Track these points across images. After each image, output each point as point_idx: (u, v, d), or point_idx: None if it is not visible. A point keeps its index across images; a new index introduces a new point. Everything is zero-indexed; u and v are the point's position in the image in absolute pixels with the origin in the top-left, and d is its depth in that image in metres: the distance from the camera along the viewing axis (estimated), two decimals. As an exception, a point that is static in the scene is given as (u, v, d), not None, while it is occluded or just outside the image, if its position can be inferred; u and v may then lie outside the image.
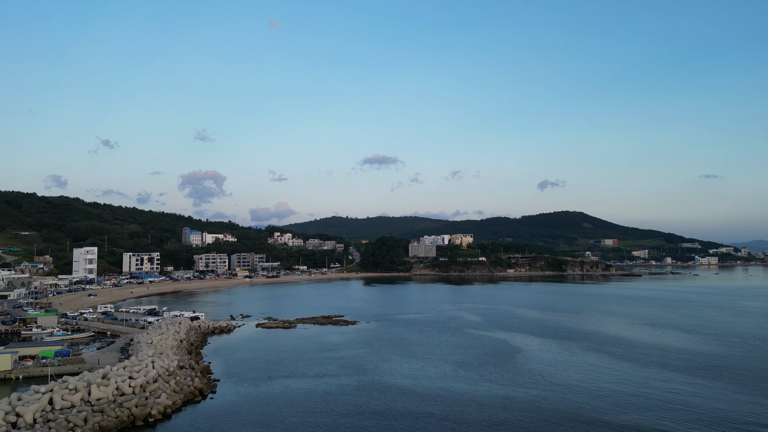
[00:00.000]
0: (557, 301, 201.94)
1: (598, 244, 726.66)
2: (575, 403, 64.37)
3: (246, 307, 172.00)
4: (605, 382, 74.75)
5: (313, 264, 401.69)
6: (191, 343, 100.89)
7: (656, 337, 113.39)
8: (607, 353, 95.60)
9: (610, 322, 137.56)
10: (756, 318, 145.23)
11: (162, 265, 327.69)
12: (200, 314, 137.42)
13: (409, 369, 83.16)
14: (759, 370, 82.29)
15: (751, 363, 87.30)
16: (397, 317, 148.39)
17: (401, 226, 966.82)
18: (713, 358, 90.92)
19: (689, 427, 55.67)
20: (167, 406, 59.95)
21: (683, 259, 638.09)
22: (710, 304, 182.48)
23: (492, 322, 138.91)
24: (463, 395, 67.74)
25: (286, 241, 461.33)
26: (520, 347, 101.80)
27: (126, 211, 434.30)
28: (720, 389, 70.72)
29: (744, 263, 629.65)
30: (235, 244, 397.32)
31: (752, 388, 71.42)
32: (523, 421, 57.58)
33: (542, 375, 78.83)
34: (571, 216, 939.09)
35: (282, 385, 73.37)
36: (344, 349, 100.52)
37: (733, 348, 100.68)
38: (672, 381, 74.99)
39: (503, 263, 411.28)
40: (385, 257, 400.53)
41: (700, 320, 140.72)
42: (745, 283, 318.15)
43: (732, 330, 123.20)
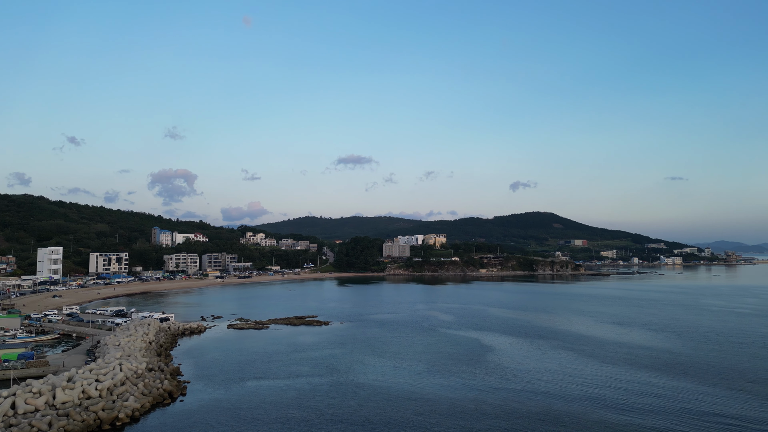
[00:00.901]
0: (528, 300, 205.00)
1: (568, 244, 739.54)
2: (546, 400, 65.50)
3: (217, 308, 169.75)
4: (575, 379, 76.24)
5: (287, 264, 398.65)
6: (160, 344, 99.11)
7: (623, 336, 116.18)
8: (576, 351, 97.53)
9: (580, 321, 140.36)
10: (718, 316, 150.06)
11: (130, 265, 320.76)
12: (170, 315, 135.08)
13: (383, 369, 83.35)
14: (721, 366, 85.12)
15: (714, 359, 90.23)
16: (370, 317, 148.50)
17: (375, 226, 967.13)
18: (678, 356, 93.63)
19: (655, 421, 57.25)
20: (135, 410, 58.78)
21: (649, 259, 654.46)
22: (675, 303, 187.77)
23: (465, 321, 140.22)
24: (435, 394, 68.24)
25: (258, 241, 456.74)
26: (492, 346, 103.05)
27: (93, 210, 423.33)
28: (684, 385, 72.87)
29: (707, 263, 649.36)
30: (207, 244, 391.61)
31: (715, 384, 73.84)
32: (495, 419, 58.32)
33: (514, 373, 79.99)
34: (542, 217, 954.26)
35: (254, 386, 72.69)
36: (317, 349, 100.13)
37: (696, 345, 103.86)
38: (638, 378, 76.97)
39: (476, 263, 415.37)
40: (359, 257, 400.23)
41: (665, 319, 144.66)
42: (707, 282, 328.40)
43: (696, 328, 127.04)
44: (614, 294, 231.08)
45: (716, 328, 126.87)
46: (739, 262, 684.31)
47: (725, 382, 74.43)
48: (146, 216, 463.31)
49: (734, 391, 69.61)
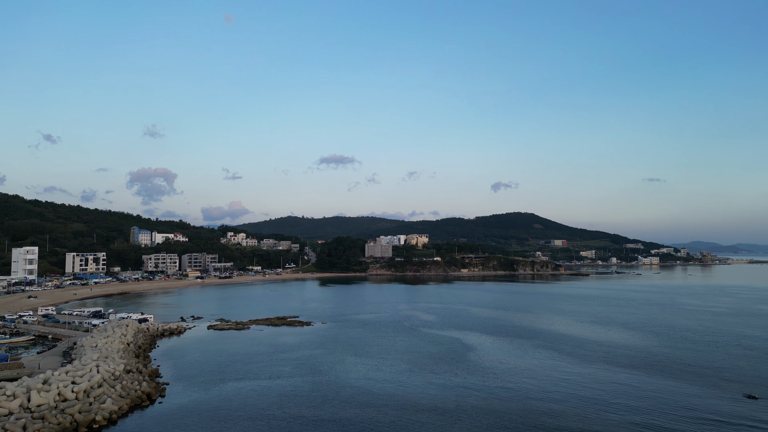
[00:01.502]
0: (509, 300, 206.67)
1: (548, 244, 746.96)
2: (526, 399, 66.16)
3: (197, 309, 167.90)
4: (555, 378, 77.13)
5: (268, 264, 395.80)
6: (139, 346, 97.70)
7: (602, 335, 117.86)
8: (556, 350, 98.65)
9: (560, 321, 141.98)
10: (694, 315, 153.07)
11: (108, 265, 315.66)
12: (149, 316, 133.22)
13: (364, 369, 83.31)
14: (697, 364, 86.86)
15: (690, 358, 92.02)
16: (352, 317, 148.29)
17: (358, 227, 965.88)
18: (655, 354, 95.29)
19: (633, 418, 58.21)
20: (113, 412, 57.89)
21: (627, 259, 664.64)
22: (652, 303, 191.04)
23: (446, 321, 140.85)
24: (417, 394, 68.44)
25: (239, 241, 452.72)
26: (474, 346, 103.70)
27: (69, 209, 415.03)
28: (661, 383, 74.23)
29: (683, 263, 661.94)
30: (187, 244, 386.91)
31: (691, 381, 75.35)
32: (476, 418, 58.73)
33: (495, 373, 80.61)
34: (523, 217, 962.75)
35: (234, 387, 72.09)
36: (299, 350, 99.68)
37: (673, 344, 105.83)
38: (617, 376, 78.19)
39: (457, 263, 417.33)
40: (341, 257, 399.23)
41: (642, 318, 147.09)
42: (684, 282, 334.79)
43: (672, 327, 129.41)
44: (593, 294, 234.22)
45: (692, 327, 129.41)
46: (714, 262, 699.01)
47: (701, 380, 75.99)
48: (125, 215, 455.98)
49: (710, 388, 71.12)
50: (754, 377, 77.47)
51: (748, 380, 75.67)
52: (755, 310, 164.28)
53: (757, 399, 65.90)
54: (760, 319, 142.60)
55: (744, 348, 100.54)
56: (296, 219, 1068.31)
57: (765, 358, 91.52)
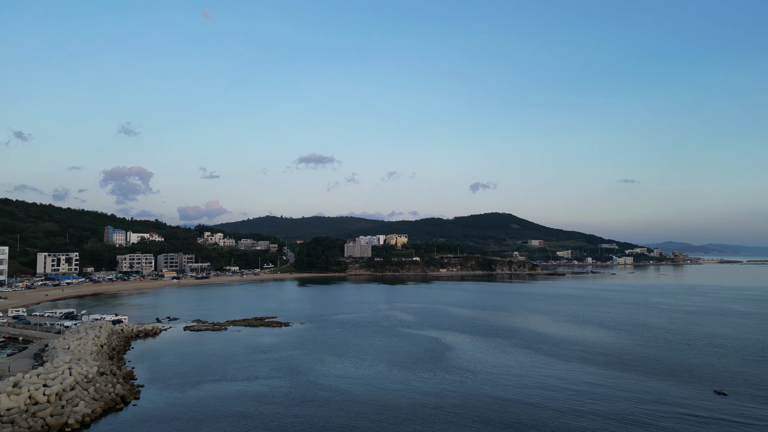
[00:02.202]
0: (487, 299, 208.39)
1: (525, 244, 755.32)
2: (503, 398, 66.78)
3: (173, 310, 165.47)
4: (532, 377, 78.04)
5: (246, 265, 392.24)
6: (113, 348, 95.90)
7: (578, 334, 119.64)
8: (533, 349, 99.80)
9: (537, 320, 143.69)
10: (667, 314, 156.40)
11: (81, 265, 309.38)
12: (123, 317, 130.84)
13: (343, 369, 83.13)
14: (670, 362, 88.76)
15: (663, 356, 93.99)
16: (331, 318, 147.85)
17: (337, 226, 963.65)
18: (629, 353, 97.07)
19: (607, 415, 59.21)
20: (86, 415, 56.70)
21: (602, 259, 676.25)
22: (626, 302, 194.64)
23: (425, 321, 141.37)
24: (396, 394, 68.56)
25: (216, 241, 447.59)
26: (452, 345, 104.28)
27: (41, 208, 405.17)
28: (635, 380, 75.65)
29: (656, 263, 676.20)
30: (162, 244, 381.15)
31: (664, 379, 76.94)
32: (454, 417, 59.07)
33: (472, 371, 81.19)
34: (501, 217, 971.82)
35: (211, 389, 71.23)
36: (277, 351, 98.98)
37: (646, 342, 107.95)
38: (592, 374, 79.45)
39: (436, 263, 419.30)
40: (320, 257, 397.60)
41: (617, 317, 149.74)
42: (656, 281, 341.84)
43: (646, 326, 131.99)
44: (569, 293, 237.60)
45: (665, 325, 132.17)
46: (686, 262, 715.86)
47: (674, 377, 77.65)
48: (98, 215, 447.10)
49: (682, 386, 72.71)
50: (724, 374, 79.49)
51: (718, 377, 77.61)
52: (725, 309, 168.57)
53: (727, 395, 67.67)
54: (730, 318, 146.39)
55: (714, 346, 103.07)
56: (275, 219, 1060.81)
57: (734, 355, 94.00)
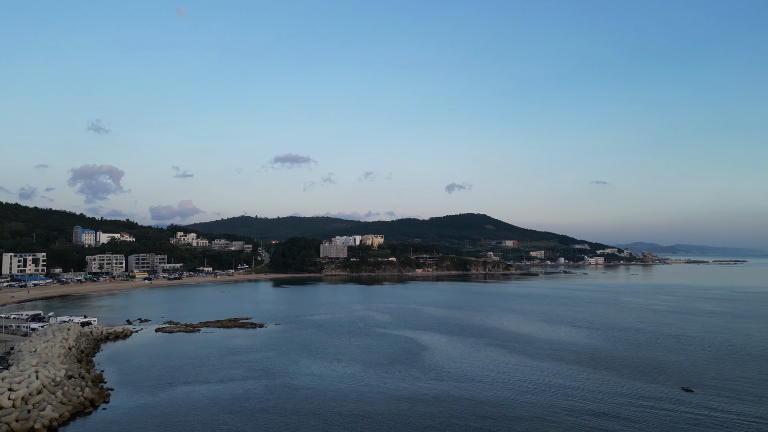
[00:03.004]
0: (462, 299, 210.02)
1: (499, 245, 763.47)
2: (478, 396, 67.42)
3: (145, 311, 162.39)
4: (506, 376, 78.96)
5: (220, 265, 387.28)
6: (81, 350, 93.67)
7: (551, 333, 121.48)
8: (507, 348, 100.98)
9: (510, 319, 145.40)
10: (636, 313, 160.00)
11: (49, 266, 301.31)
12: (92, 319, 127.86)
13: (319, 370, 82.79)
14: (639, 360, 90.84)
15: (632, 354, 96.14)
16: (306, 319, 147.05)
17: (313, 227, 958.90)
18: (600, 351, 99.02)
19: (579, 412, 60.28)
20: (53, 419, 55.25)
21: (574, 259, 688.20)
22: (597, 301, 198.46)
23: (400, 321, 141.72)
24: (371, 394, 68.58)
25: (190, 242, 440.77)
26: (427, 345, 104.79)
27: (6, 207, 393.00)
28: (606, 378, 77.23)
29: (626, 263, 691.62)
30: (134, 244, 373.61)
31: (634, 377, 78.76)
32: (429, 416, 59.36)
33: (447, 371, 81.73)
34: (476, 218, 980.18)
35: (183, 391, 70.13)
36: (251, 352, 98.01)
37: (617, 341, 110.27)
38: (565, 372, 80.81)
39: (412, 263, 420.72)
40: (295, 258, 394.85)
41: (588, 316, 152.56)
42: (626, 281, 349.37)
43: (616, 324, 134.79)
44: (542, 293, 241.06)
45: (634, 324, 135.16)
46: (655, 262, 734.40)
47: (643, 375, 79.50)
48: (67, 214, 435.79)
49: (650, 383, 74.51)
50: (691, 371, 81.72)
51: (685, 374, 79.74)
52: (692, 308, 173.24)
53: (693, 392, 69.58)
54: (697, 316, 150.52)
55: (682, 344, 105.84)
56: (249, 219, 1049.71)
57: (701, 353, 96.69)
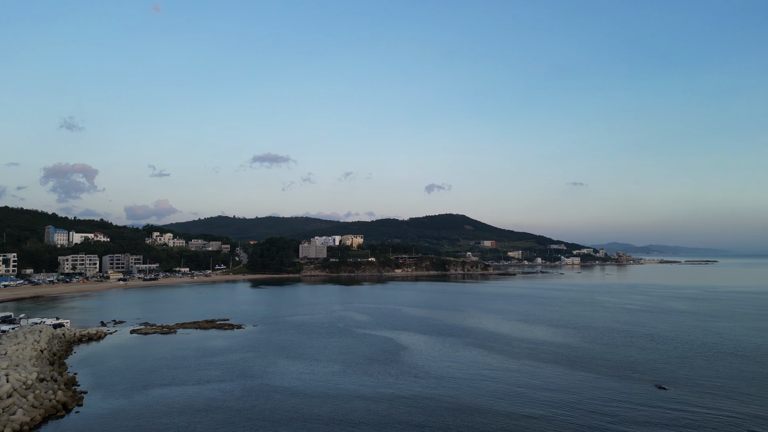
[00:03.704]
0: (441, 299, 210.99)
1: (478, 245, 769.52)
2: (456, 396, 67.79)
3: (119, 313, 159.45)
4: (484, 375, 79.56)
5: (197, 266, 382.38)
6: (54, 353, 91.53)
7: (528, 332, 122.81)
8: (485, 348, 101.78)
9: (489, 319, 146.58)
10: (611, 312, 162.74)
11: (20, 267, 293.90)
12: (65, 321, 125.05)
13: (297, 371, 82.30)
14: (614, 358, 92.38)
15: (608, 352, 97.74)
16: (285, 320, 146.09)
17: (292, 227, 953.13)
18: (576, 350, 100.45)
19: (556, 410, 61.05)
20: (24, 423, 53.89)
21: (551, 260, 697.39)
22: (574, 301, 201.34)
23: (380, 321, 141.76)
24: (350, 394, 68.44)
25: (166, 242, 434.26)
26: (406, 345, 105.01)
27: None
28: (582, 376, 78.35)
29: (602, 263, 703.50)
30: (108, 245, 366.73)
31: (609, 375, 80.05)
32: (408, 416, 59.49)
33: (426, 371, 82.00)
34: (455, 218, 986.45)
35: (159, 394, 69.01)
36: (229, 353, 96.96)
37: (592, 340, 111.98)
38: (541, 371, 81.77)
39: (392, 263, 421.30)
40: (274, 258, 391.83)
41: (565, 315, 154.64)
42: (602, 281, 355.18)
43: (592, 324, 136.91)
44: (520, 293, 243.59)
45: (609, 323, 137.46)
46: (629, 262, 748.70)
47: (618, 373, 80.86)
48: (38, 214, 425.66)
49: (625, 381, 75.83)
50: (664, 369, 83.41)
51: (659, 372, 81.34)
52: (665, 307, 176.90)
53: (667, 389, 71.05)
54: (670, 315, 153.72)
55: (656, 342, 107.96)
56: (227, 219, 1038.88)
57: (673, 351, 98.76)
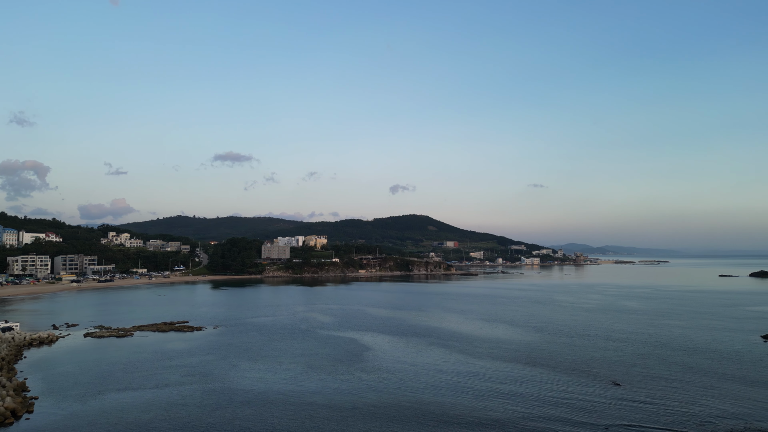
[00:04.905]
0: (404, 300, 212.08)
1: (441, 245, 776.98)
2: (419, 395, 68.29)
3: (73, 315, 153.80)
4: (446, 373, 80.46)
5: (155, 267, 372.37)
6: (2, 357, 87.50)
7: (489, 331, 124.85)
8: (448, 347, 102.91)
9: (451, 319, 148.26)
10: (569, 311, 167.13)
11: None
12: (14, 324, 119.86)
13: (259, 373, 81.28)
14: (572, 356, 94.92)
15: (566, 351, 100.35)
16: (247, 321, 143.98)
17: (254, 227, 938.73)
18: (535, 348, 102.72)
19: (515, 407, 62.31)
20: (-32, 434, 51.37)
21: (512, 260, 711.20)
22: (533, 300, 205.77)
23: (343, 322, 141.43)
24: (313, 396, 68.04)
25: (123, 242, 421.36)
26: (370, 345, 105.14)
27: None
28: (541, 374, 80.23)
29: (560, 263, 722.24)
30: (61, 245, 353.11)
31: (567, 372, 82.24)
32: (371, 416, 59.58)
33: (390, 371, 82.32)
34: (419, 219, 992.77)
35: (114, 399, 66.93)
36: (188, 356, 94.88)
37: (551, 338, 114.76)
38: (502, 369, 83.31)
39: (356, 264, 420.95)
40: (235, 259, 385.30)
41: (525, 315, 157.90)
42: (560, 280, 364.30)
43: (551, 323, 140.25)
44: (481, 292, 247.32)
45: (567, 322, 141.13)
46: (586, 262, 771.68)
47: (575, 370, 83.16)
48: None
49: (582, 378, 78.03)
50: (619, 366, 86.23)
51: (614, 369, 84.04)
52: (620, 306, 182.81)
53: (621, 385, 73.52)
54: (624, 314, 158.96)
55: (611, 341, 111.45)
56: (187, 219, 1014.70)
57: (628, 349, 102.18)
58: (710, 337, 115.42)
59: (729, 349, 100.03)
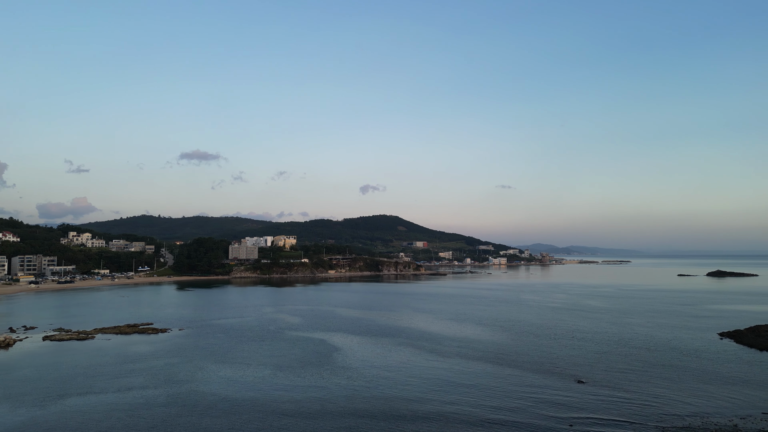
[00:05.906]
0: (374, 300, 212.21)
1: (410, 246, 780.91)
2: (388, 395, 68.52)
3: (31, 318, 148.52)
4: (415, 373, 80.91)
5: (118, 267, 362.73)
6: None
7: (458, 331, 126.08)
8: (417, 347, 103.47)
9: (420, 319, 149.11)
10: (535, 310, 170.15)
11: None
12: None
13: (226, 376, 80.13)
14: (538, 355, 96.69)
15: (532, 349, 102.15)
16: (213, 323, 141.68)
17: (222, 227, 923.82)
18: (502, 347, 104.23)
19: (483, 404, 63.14)
20: None
21: (480, 260, 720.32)
22: (501, 300, 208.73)
23: (312, 323, 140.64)
24: (281, 398, 67.50)
25: (84, 242, 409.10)
26: (339, 346, 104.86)
27: None
28: (508, 373, 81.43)
29: (526, 263, 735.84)
30: (18, 245, 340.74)
31: (533, 371, 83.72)
32: (340, 417, 59.43)
33: (359, 371, 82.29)
34: (388, 219, 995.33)
35: (75, 404, 64.98)
36: (153, 359, 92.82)
37: (518, 338, 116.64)
38: (469, 368, 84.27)
39: (325, 264, 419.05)
40: (202, 259, 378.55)
41: (492, 314, 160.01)
42: (527, 280, 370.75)
43: (517, 322, 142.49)
44: (450, 292, 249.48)
45: (534, 321, 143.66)
46: (552, 262, 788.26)
47: (541, 369, 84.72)
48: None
49: (548, 376, 79.58)
50: (584, 364, 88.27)
51: (578, 367, 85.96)
52: (584, 305, 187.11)
53: (585, 383, 75.32)
54: (588, 313, 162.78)
55: (576, 339, 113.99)
56: (152, 218, 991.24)
57: (592, 347, 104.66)
58: (670, 334, 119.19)
59: (688, 347, 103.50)
